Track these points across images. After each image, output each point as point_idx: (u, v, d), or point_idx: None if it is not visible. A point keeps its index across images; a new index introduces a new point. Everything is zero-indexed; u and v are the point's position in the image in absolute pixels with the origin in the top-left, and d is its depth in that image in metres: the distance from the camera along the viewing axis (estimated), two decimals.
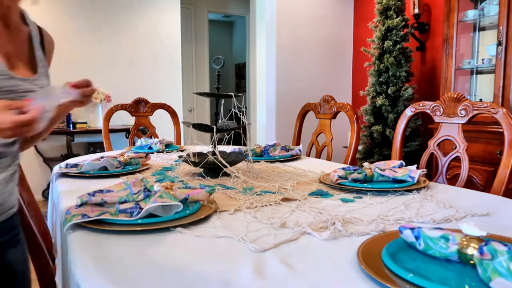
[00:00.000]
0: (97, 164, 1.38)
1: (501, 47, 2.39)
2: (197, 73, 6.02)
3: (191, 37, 5.90)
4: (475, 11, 2.70)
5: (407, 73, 3.12)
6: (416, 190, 1.12)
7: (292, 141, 2.28)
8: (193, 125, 1.36)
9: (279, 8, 3.59)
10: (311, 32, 3.76)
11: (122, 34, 4.45)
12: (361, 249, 0.65)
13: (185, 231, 0.78)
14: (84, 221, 0.79)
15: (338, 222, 0.81)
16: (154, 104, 2.41)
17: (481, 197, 1.07)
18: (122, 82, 4.48)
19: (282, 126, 3.68)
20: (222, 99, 1.42)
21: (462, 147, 1.41)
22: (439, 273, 0.57)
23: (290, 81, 3.74)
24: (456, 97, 1.45)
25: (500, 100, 2.42)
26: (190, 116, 6.03)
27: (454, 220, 0.85)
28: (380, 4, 3.11)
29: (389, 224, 0.82)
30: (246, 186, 1.18)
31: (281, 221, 0.83)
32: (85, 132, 4.07)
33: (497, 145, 2.37)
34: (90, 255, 0.68)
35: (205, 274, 0.60)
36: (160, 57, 4.72)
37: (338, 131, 2.75)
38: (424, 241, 0.61)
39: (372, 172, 1.14)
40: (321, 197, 1.05)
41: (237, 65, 7.98)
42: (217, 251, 0.69)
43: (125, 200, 0.89)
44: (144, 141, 2.03)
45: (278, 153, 1.74)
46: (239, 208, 0.94)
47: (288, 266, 0.62)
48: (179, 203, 0.83)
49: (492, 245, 0.53)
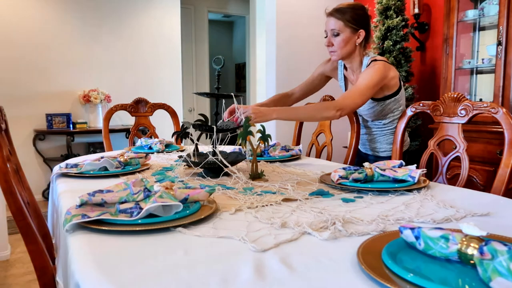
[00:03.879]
0: (97, 164, 1.38)
1: (501, 47, 2.39)
2: (197, 73, 6.02)
3: (191, 37, 5.90)
4: (475, 11, 2.70)
5: (407, 73, 3.12)
6: (417, 190, 1.12)
7: (292, 141, 2.28)
8: (193, 125, 1.36)
9: (279, 8, 3.59)
10: (311, 32, 3.76)
11: (122, 34, 4.45)
12: (361, 249, 0.65)
13: (185, 231, 0.78)
14: (84, 221, 0.79)
15: (338, 222, 0.81)
16: (154, 104, 2.41)
17: (481, 197, 1.07)
18: (122, 82, 4.48)
19: (282, 126, 3.68)
20: (222, 99, 1.42)
21: (462, 147, 1.41)
22: (439, 273, 0.57)
23: (290, 81, 3.73)
24: (456, 97, 1.45)
25: (500, 100, 2.42)
26: (190, 116, 6.03)
27: (454, 220, 0.85)
28: (380, 4, 3.11)
29: (389, 224, 0.82)
30: (246, 186, 1.18)
31: (282, 221, 0.83)
32: (85, 132, 4.07)
33: (497, 145, 2.37)
34: (90, 255, 0.68)
35: (205, 274, 0.60)
36: (160, 57, 4.72)
37: (338, 131, 2.75)
38: (424, 241, 0.61)
39: (372, 172, 1.14)
40: (321, 197, 1.05)
41: (237, 65, 7.98)
42: (217, 251, 0.69)
43: (125, 200, 0.88)
44: (144, 141, 2.03)
45: (278, 153, 1.74)
46: (240, 208, 0.94)
47: (288, 266, 0.62)
48: (179, 203, 0.83)
49: (492, 245, 0.53)
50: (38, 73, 4.03)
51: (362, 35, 1.68)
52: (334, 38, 1.68)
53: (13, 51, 3.90)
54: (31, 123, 4.04)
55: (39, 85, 4.04)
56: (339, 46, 1.68)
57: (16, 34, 3.90)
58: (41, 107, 4.06)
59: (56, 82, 4.14)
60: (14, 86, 3.92)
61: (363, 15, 1.68)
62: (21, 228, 1.03)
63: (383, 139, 1.84)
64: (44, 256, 1.04)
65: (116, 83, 4.45)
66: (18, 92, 3.95)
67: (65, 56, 4.16)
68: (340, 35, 1.66)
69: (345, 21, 1.64)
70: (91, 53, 4.29)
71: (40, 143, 4.09)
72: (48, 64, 4.08)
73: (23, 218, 1.03)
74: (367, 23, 1.69)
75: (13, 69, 3.91)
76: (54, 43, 4.09)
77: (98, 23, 4.31)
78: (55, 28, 4.10)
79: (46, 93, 4.09)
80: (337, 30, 1.65)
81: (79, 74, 4.25)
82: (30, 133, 4.05)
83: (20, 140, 3.95)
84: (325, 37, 1.71)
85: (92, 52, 4.30)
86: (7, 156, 1.17)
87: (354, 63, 1.76)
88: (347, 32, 1.66)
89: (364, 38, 1.68)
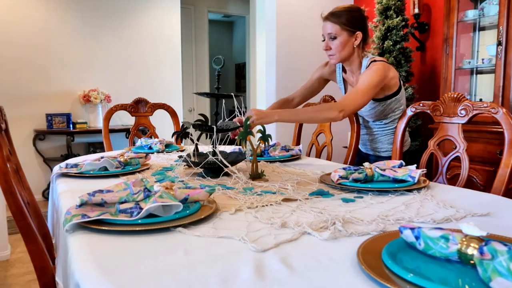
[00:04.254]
0: (97, 164, 1.38)
1: (501, 47, 2.39)
2: (197, 73, 6.01)
3: (191, 37, 5.90)
4: (475, 11, 2.70)
5: (407, 73, 3.12)
6: (417, 190, 1.12)
7: (292, 141, 2.28)
8: (193, 125, 1.36)
9: (279, 8, 3.59)
10: (311, 32, 3.76)
11: (122, 34, 4.45)
12: (361, 249, 0.65)
13: (185, 231, 0.78)
14: (84, 221, 0.79)
15: (338, 222, 0.81)
16: (154, 104, 2.41)
17: (481, 197, 1.07)
18: (122, 82, 4.48)
19: (282, 126, 3.68)
20: (222, 99, 1.42)
21: (462, 147, 1.41)
22: (439, 273, 0.57)
23: (290, 81, 3.74)
24: (456, 97, 1.45)
25: (500, 100, 2.42)
26: (190, 116, 6.03)
27: (454, 220, 0.85)
28: (380, 4, 3.11)
29: (389, 224, 0.82)
30: (246, 186, 1.18)
31: (282, 221, 0.83)
32: (85, 132, 4.07)
33: (497, 145, 2.37)
34: (90, 255, 0.68)
35: (205, 274, 0.60)
36: (160, 57, 4.72)
37: (338, 131, 2.75)
38: (424, 241, 0.61)
39: (372, 172, 1.14)
40: (321, 197, 1.05)
41: (237, 65, 7.98)
42: (217, 251, 0.69)
43: (125, 200, 0.88)
44: (144, 141, 2.03)
45: (278, 153, 1.74)
46: (240, 208, 0.94)
47: (288, 266, 0.62)
48: (179, 203, 0.83)
49: (492, 245, 0.53)
50: (38, 73, 4.03)
51: (360, 37, 1.68)
52: (331, 42, 1.69)
53: (13, 51, 3.90)
54: (31, 123, 4.04)
55: (39, 85, 4.04)
56: (337, 50, 1.69)
57: (16, 34, 3.90)
58: (41, 107, 4.06)
59: (56, 82, 4.14)
60: (14, 86, 3.92)
61: (359, 17, 1.68)
62: (21, 228, 1.03)
63: (384, 139, 1.84)
64: (44, 256, 1.04)
65: (116, 83, 4.45)
66: (18, 92, 3.95)
67: (65, 56, 4.16)
68: (338, 38, 1.67)
69: (341, 25, 1.65)
70: (91, 53, 4.29)
71: (40, 143, 4.09)
72: (48, 64, 4.08)
73: (23, 218, 1.03)
74: (364, 25, 1.70)
75: (13, 69, 3.91)
76: (54, 43, 4.09)
77: (98, 23, 4.31)
78: (55, 28, 4.10)
79: (46, 93, 4.09)
80: (334, 33, 1.66)
81: (79, 74, 4.25)
82: (30, 133, 4.05)
83: (20, 140, 3.95)
84: (323, 41, 1.71)
85: (92, 52, 4.30)
86: (7, 156, 1.17)
87: (353, 65, 1.77)
88: (344, 35, 1.66)
89: (361, 39, 1.69)
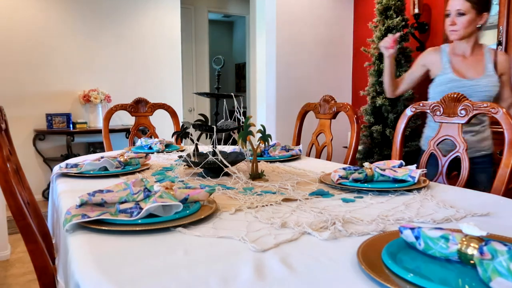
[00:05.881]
0: (97, 164, 1.38)
1: (501, 47, 2.39)
2: (197, 73, 6.01)
3: (191, 37, 5.89)
4: None
5: None
6: (417, 190, 1.12)
7: (292, 141, 2.28)
8: (193, 125, 1.36)
9: (279, 8, 3.59)
10: (311, 32, 3.76)
11: (122, 34, 4.45)
12: (361, 249, 0.65)
13: (185, 231, 0.78)
14: (84, 221, 0.79)
15: (338, 222, 0.81)
16: (154, 104, 2.41)
17: (481, 197, 1.07)
18: (122, 82, 4.48)
19: (282, 126, 3.68)
20: (222, 99, 1.42)
21: (462, 147, 1.41)
22: (439, 273, 0.57)
23: (290, 81, 3.74)
24: (456, 97, 1.45)
25: None
26: (190, 116, 6.03)
27: (454, 220, 0.85)
28: (380, 4, 3.11)
29: (389, 224, 0.82)
30: (246, 186, 1.18)
31: (282, 221, 0.83)
32: (85, 132, 4.07)
33: (497, 145, 2.36)
34: (90, 255, 0.68)
35: (205, 274, 0.60)
36: (160, 57, 4.72)
37: (338, 131, 2.75)
38: (424, 241, 0.61)
39: (372, 172, 1.14)
40: (321, 197, 1.05)
41: (237, 65, 7.98)
42: (217, 251, 0.69)
43: (125, 200, 0.88)
44: (144, 141, 2.03)
45: (278, 153, 1.74)
46: (240, 208, 0.94)
47: (288, 266, 0.62)
48: (179, 203, 0.83)
49: (492, 245, 0.53)
50: (38, 73, 4.03)
51: (485, 18, 1.75)
52: (458, 18, 1.75)
53: (14, 51, 3.90)
54: (31, 123, 4.04)
55: (39, 85, 4.04)
56: (463, 26, 1.75)
57: (16, 34, 3.90)
58: (41, 107, 4.07)
59: (56, 82, 4.14)
60: (14, 86, 3.92)
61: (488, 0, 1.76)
62: (21, 228, 1.03)
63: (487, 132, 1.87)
64: (44, 256, 1.04)
65: (116, 83, 4.45)
66: (18, 92, 3.95)
67: (65, 56, 4.16)
68: (466, 15, 1.73)
69: (472, 3, 1.71)
70: (91, 53, 4.29)
71: (40, 143, 4.09)
72: (48, 64, 4.08)
73: (23, 218, 1.03)
74: (490, 8, 1.77)
75: (13, 69, 3.91)
76: (54, 43, 4.09)
77: (98, 23, 4.31)
78: (55, 28, 4.10)
79: (46, 93, 4.09)
80: (463, 10, 1.72)
81: (79, 74, 4.25)
82: (30, 133, 4.05)
83: (20, 140, 3.95)
84: (446, 15, 1.78)
85: (92, 52, 4.30)
86: (7, 156, 1.17)
87: (469, 44, 1.81)
88: (472, 13, 1.73)
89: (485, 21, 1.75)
